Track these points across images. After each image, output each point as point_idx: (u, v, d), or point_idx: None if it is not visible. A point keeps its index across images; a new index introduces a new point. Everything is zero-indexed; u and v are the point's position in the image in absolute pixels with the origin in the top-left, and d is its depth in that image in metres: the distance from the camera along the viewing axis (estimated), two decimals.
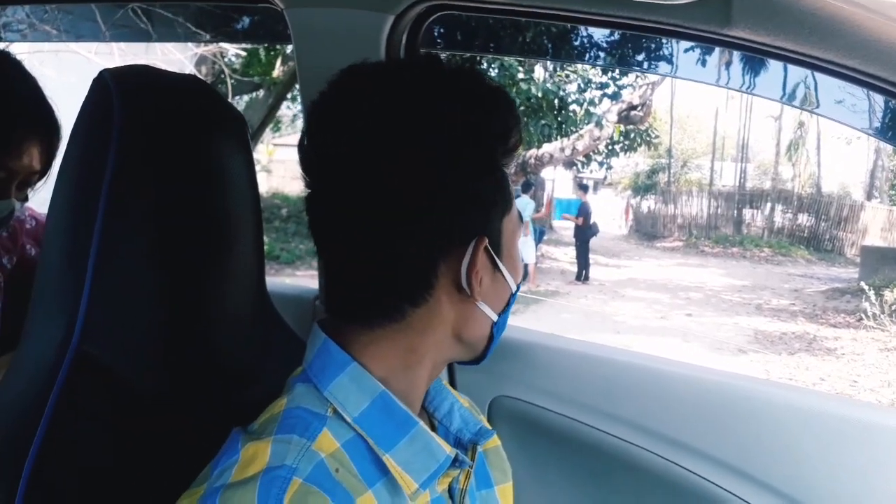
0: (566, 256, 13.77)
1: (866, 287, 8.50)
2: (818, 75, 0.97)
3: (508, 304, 0.70)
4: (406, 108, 0.62)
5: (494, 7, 0.96)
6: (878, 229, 16.23)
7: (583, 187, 12.51)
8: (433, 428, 0.74)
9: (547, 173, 17.24)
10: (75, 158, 0.69)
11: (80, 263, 0.66)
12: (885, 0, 0.78)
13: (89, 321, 0.66)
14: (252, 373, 0.80)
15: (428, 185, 0.61)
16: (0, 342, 1.09)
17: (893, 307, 7.89)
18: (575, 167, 16.36)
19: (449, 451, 0.64)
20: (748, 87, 1.08)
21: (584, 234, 11.36)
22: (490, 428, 0.76)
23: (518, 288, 0.70)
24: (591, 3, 0.88)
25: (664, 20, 0.89)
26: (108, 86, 0.69)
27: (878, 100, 0.99)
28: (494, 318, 0.68)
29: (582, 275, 11.25)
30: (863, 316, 8.34)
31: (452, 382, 1.17)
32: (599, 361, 1.18)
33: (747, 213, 18.93)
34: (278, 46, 7.97)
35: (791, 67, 0.98)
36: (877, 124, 1.08)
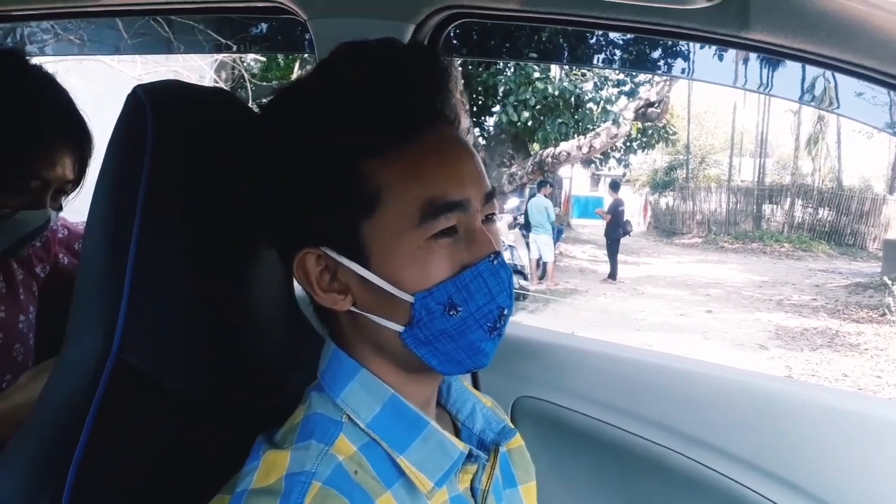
0: (584, 255, 13.71)
1: (889, 281, 8.39)
2: (837, 75, 0.97)
3: (415, 316, 0.60)
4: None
5: (512, 14, 0.98)
6: None
7: (614, 185, 12.34)
8: (457, 429, 0.75)
9: (564, 171, 17.16)
10: (111, 173, 0.71)
11: (118, 275, 0.68)
12: None
13: (128, 332, 0.68)
14: (284, 378, 0.82)
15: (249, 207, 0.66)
16: (37, 349, 1.13)
17: None
18: (593, 165, 16.28)
19: (462, 447, 0.65)
20: (766, 88, 1.08)
21: (616, 231, 11.28)
22: (513, 428, 0.76)
23: (428, 297, 0.60)
24: (608, 8, 0.89)
25: (682, 24, 0.90)
26: (142, 101, 0.71)
27: None
28: (397, 328, 0.62)
29: (615, 274, 11.16)
30: (886, 311, 8.23)
31: (476, 383, 1.19)
32: (621, 361, 1.19)
33: (767, 208, 18.72)
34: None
35: (809, 67, 0.99)
36: None
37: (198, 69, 6.96)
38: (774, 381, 1.18)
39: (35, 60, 1.06)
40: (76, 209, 1.06)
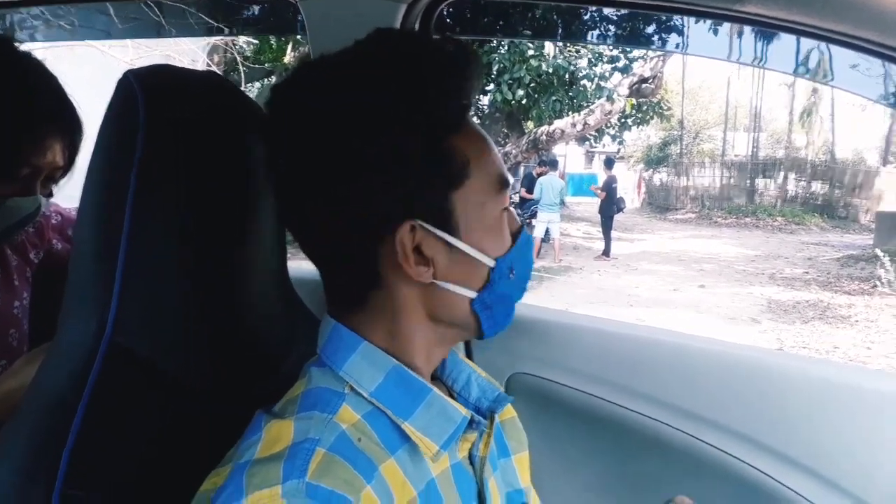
0: (579, 232, 13.74)
1: (881, 253, 8.44)
2: (831, 47, 0.96)
3: (491, 280, 0.66)
4: (325, 101, 0.63)
5: None
6: (893, 195, 16.01)
7: (608, 162, 12.27)
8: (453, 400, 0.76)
9: (559, 149, 17.11)
10: (103, 158, 0.70)
11: (111, 258, 0.68)
12: None
13: (121, 313, 0.68)
14: (279, 358, 0.82)
15: (339, 177, 0.62)
16: (31, 334, 1.13)
17: None
18: (587, 142, 16.25)
19: (465, 412, 0.67)
20: (760, 62, 1.07)
21: (609, 209, 11.31)
22: (507, 395, 0.77)
23: (503, 262, 0.66)
24: None
25: None
26: (133, 86, 0.70)
27: (894, 70, 0.98)
28: (470, 294, 0.66)
29: (609, 251, 11.20)
30: (877, 283, 8.29)
31: (470, 359, 1.19)
32: (615, 337, 1.20)
33: (760, 182, 18.75)
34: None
35: (803, 40, 0.98)
36: (893, 93, 1.08)
37: (190, 53, 6.91)
38: (767, 355, 1.19)
39: (26, 47, 1.04)
40: (69, 195, 1.05)
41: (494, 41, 10.00)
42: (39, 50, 1.14)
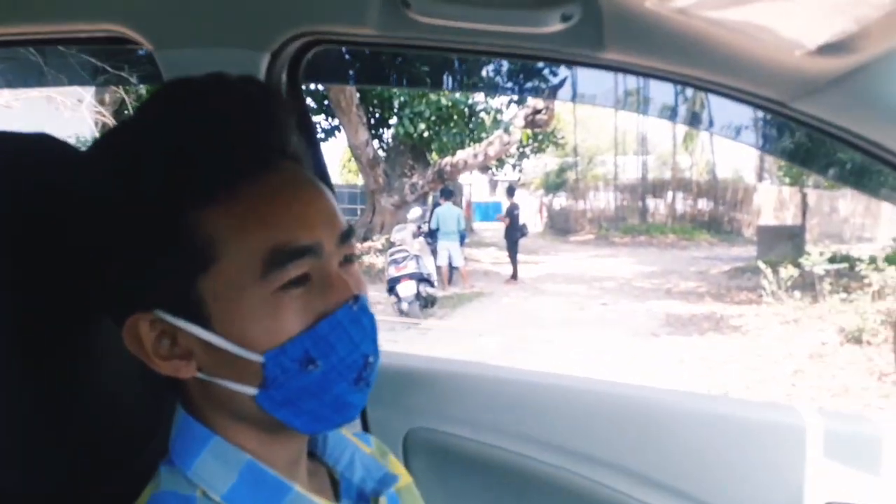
0: (487, 257, 13.95)
1: (763, 265, 9.03)
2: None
3: (269, 377, 0.55)
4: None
5: (372, 42, 0.94)
6: (770, 209, 17.33)
7: (510, 190, 12.64)
8: (335, 482, 0.71)
9: (464, 178, 17.44)
10: None
11: None
12: (746, 20, 0.81)
13: None
14: (138, 451, 0.74)
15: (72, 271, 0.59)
16: None
17: (789, 282, 8.41)
18: (490, 171, 16.66)
19: None
20: (643, 108, 1.11)
21: (514, 234, 11.63)
22: (394, 474, 0.72)
23: (280, 354, 0.54)
24: (463, 34, 0.88)
25: (539, 47, 0.90)
26: None
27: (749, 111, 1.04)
28: (250, 392, 0.56)
29: (516, 274, 11.49)
30: (762, 293, 8.86)
31: (364, 418, 1.14)
32: (509, 384, 1.19)
33: (651, 202, 19.85)
34: None
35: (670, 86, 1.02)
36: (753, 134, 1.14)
37: (75, 93, 6.52)
38: (654, 392, 1.21)
39: None
40: None
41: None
42: None
